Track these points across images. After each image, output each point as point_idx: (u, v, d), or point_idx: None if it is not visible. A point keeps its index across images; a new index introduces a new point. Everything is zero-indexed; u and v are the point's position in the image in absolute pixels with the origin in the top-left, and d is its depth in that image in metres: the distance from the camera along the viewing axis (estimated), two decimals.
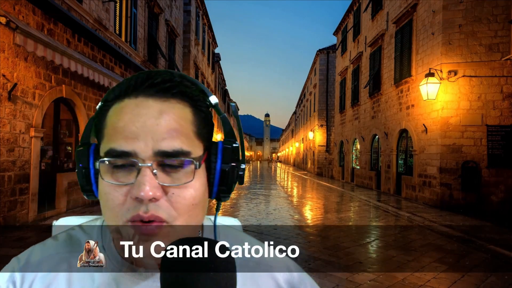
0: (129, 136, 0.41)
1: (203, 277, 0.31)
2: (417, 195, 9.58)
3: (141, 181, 0.39)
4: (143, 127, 0.41)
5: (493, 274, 3.93)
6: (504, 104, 8.12)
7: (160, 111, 0.42)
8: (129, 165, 0.41)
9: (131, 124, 0.41)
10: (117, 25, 9.55)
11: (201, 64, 20.06)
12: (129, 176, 0.41)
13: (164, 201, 0.41)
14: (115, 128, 0.42)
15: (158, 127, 0.41)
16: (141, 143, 0.40)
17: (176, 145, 0.41)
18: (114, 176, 0.41)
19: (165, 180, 0.41)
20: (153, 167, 0.40)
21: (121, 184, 0.40)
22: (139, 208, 0.39)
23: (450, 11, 8.46)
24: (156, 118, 0.41)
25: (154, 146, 0.40)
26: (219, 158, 0.45)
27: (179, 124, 0.42)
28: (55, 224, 0.64)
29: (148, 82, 0.43)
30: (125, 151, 0.40)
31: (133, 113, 0.42)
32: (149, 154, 0.40)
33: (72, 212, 6.88)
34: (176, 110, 0.43)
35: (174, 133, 0.41)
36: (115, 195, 0.41)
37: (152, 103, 0.42)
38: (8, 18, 4.92)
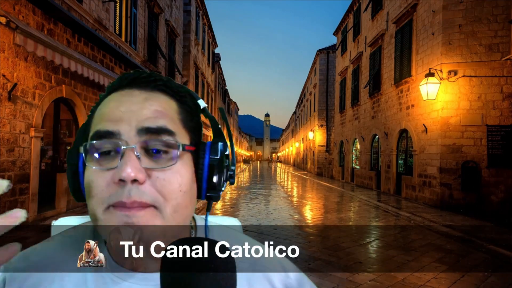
0: (113, 119, 0.41)
1: (203, 277, 0.31)
2: (417, 195, 9.58)
3: (123, 163, 0.39)
4: (128, 111, 0.42)
5: (493, 274, 3.93)
6: (504, 104, 8.12)
7: (145, 98, 0.43)
8: (114, 151, 0.41)
9: (116, 109, 0.42)
10: (117, 25, 9.55)
11: (201, 64, 20.06)
12: (113, 161, 0.40)
13: (148, 185, 0.40)
14: (100, 115, 0.43)
15: (143, 110, 0.42)
16: (125, 124, 0.41)
17: (160, 122, 0.42)
18: (99, 162, 0.41)
19: (149, 163, 0.41)
20: (137, 149, 0.40)
21: (105, 169, 0.40)
22: (122, 194, 0.39)
23: (450, 11, 8.46)
24: (140, 102, 0.42)
25: (137, 125, 0.41)
26: (207, 154, 0.45)
27: (164, 108, 0.43)
28: (54, 224, 0.64)
29: (133, 76, 0.45)
30: (109, 130, 0.41)
31: (118, 100, 0.43)
32: (132, 135, 0.40)
33: (72, 212, 6.88)
34: (161, 98, 0.44)
35: (158, 114, 0.42)
36: (99, 181, 0.40)
37: (138, 92, 0.44)
38: (8, 18, 4.92)
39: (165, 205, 0.41)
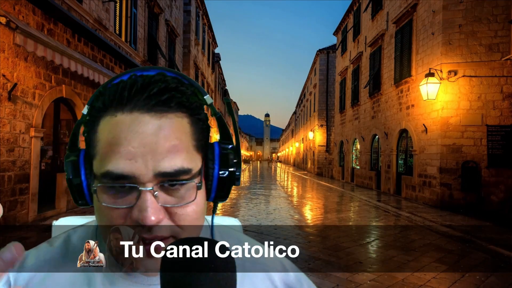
0: (126, 157, 0.38)
1: (203, 277, 0.31)
2: (417, 195, 9.58)
3: (142, 206, 0.38)
4: (141, 146, 0.38)
5: (493, 274, 3.93)
6: (504, 104, 8.12)
7: (158, 127, 0.39)
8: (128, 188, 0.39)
9: (128, 143, 0.38)
10: (117, 25, 9.55)
11: (201, 64, 20.06)
12: (128, 197, 0.39)
13: (167, 220, 0.40)
14: (110, 147, 0.39)
15: (157, 146, 0.39)
16: (140, 164, 0.38)
17: (178, 163, 0.39)
18: (111, 197, 0.40)
19: (167, 200, 0.40)
20: (154, 189, 0.39)
21: (120, 207, 0.39)
22: (141, 231, 0.38)
23: (450, 11, 8.46)
24: (154, 135, 0.39)
25: (154, 167, 0.38)
26: (216, 164, 0.44)
27: (179, 140, 0.40)
28: (55, 224, 0.64)
29: (144, 94, 0.40)
30: (123, 174, 0.38)
31: (129, 131, 0.39)
32: (150, 176, 0.38)
33: (72, 212, 6.88)
34: (174, 124, 0.40)
35: (174, 150, 0.39)
36: (113, 216, 0.39)
37: (149, 119, 0.39)
38: (8, 18, 4.92)
39: (182, 234, 0.41)
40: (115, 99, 0.40)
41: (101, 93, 0.42)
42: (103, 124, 0.41)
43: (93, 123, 0.42)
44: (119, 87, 0.41)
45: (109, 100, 0.41)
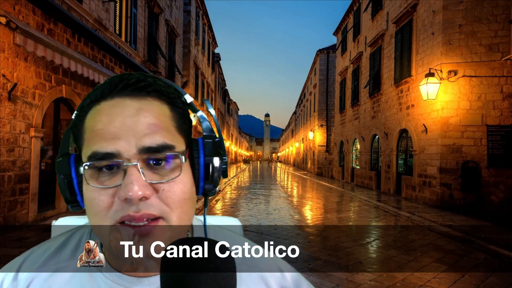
0: (109, 137, 0.40)
1: (203, 277, 0.31)
2: (417, 195, 9.58)
3: (128, 181, 0.38)
4: (122, 126, 0.40)
5: (493, 274, 3.93)
6: (504, 104, 8.12)
7: (137, 108, 0.42)
8: (114, 167, 0.40)
9: (110, 124, 0.40)
10: (117, 25, 9.55)
11: (201, 64, 20.06)
12: (115, 178, 0.40)
13: (155, 198, 0.40)
14: (93, 131, 0.41)
15: (138, 124, 0.40)
16: (123, 142, 0.40)
17: (159, 139, 0.41)
18: (99, 180, 0.40)
19: (153, 177, 0.41)
20: (139, 165, 0.39)
21: (107, 187, 0.40)
22: (129, 209, 0.39)
23: (450, 11, 8.46)
24: (134, 115, 0.41)
25: (137, 144, 0.40)
26: (201, 152, 0.45)
27: (159, 120, 0.42)
28: (55, 224, 0.64)
29: (122, 83, 0.43)
30: (108, 152, 0.40)
31: (110, 114, 0.41)
32: (133, 153, 0.40)
33: (72, 212, 6.87)
34: (153, 107, 0.43)
35: (154, 128, 0.41)
36: (101, 199, 0.40)
37: (129, 102, 0.42)
38: (8, 18, 4.92)
39: (171, 214, 0.41)
40: (99, 93, 0.44)
41: (88, 95, 0.45)
42: (89, 115, 0.43)
43: (81, 120, 0.44)
44: (103, 84, 0.45)
45: (94, 96, 0.44)
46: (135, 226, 0.39)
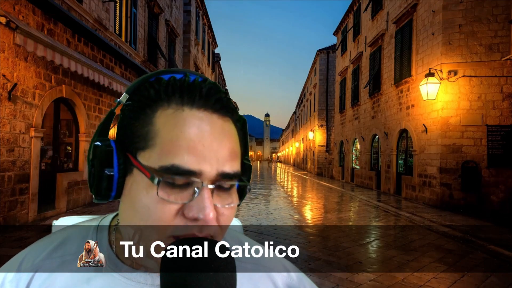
0: (196, 155, 0.38)
1: (203, 277, 0.31)
2: (417, 195, 9.58)
3: (204, 204, 0.38)
4: (210, 147, 0.39)
5: (493, 274, 3.93)
6: (504, 104, 8.12)
7: (222, 129, 0.41)
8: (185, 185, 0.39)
9: (199, 142, 0.38)
10: (117, 25, 9.55)
11: (201, 64, 20.06)
12: (183, 194, 0.39)
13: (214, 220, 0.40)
14: (177, 141, 0.38)
15: (223, 149, 0.40)
16: (207, 164, 0.38)
17: (235, 167, 0.41)
18: (167, 192, 0.38)
19: (217, 201, 0.40)
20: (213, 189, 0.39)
21: (176, 202, 0.38)
22: (192, 228, 0.39)
23: (450, 11, 8.46)
24: (219, 139, 0.40)
25: (217, 168, 0.39)
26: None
27: (236, 146, 0.42)
28: (55, 224, 0.64)
29: (214, 96, 0.41)
30: (191, 170, 0.38)
31: (199, 129, 0.39)
32: (213, 175, 0.39)
33: (72, 212, 6.88)
34: (231, 129, 0.43)
35: (234, 154, 0.41)
36: (164, 211, 0.38)
37: (216, 120, 0.41)
38: (8, 18, 4.93)
39: (220, 235, 0.42)
40: (184, 91, 0.40)
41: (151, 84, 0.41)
42: (164, 116, 0.40)
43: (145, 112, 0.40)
44: (185, 83, 0.41)
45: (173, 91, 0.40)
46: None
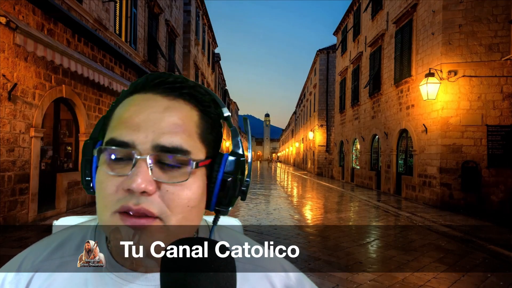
0: (130, 127, 0.41)
1: (203, 277, 0.31)
2: (417, 195, 9.58)
3: (134, 173, 0.39)
4: (146, 119, 0.41)
5: (493, 274, 3.93)
6: (504, 104, 8.12)
7: (166, 106, 0.42)
8: (127, 158, 0.41)
9: (135, 115, 0.41)
10: (117, 25, 9.55)
11: (201, 64, 20.06)
12: (125, 167, 0.40)
13: (157, 196, 0.40)
14: (119, 119, 0.43)
15: (161, 122, 0.41)
16: (141, 134, 0.40)
17: (176, 141, 0.41)
18: (111, 166, 0.41)
19: (160, 176, 0.40)
20: (149, 161, 0.39)
21: (116, 174, 0.40)
22: (130, 200, 0.39)
23: (450, 11, 8.46)
24: (161, 112, 0.42)
25: (153, 139, 0.40)
26: (222, 168, 0.45)
27: (183, 121, 0.42)
28: (55, 224, 0.64)
29: (159, 79, 0.44)
30: (124, 141, 0.40)
31: (139, 105, 0.42)
32: (147, 147, 0.40)
33: (72, 212, 6.88)
34: (182, 109, 0.43)
35: (176, 128, 0.41)
36: (108, 184, 0.40)
37: (160, 99, 0.43)
38: (8, 18, 4.92)
39: (170, 218, 0.41)
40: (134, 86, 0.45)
41: (130, 85, 0.47)
42: (120, 104, 0.45)
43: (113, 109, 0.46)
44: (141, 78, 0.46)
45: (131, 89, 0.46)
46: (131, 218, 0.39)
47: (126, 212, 0.39)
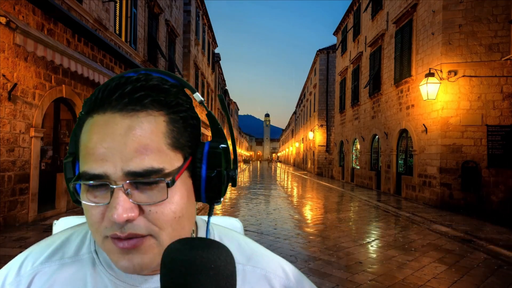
0: (98, 158, 0.39)
1: (203, 277, 0.30)
2: (417, 195, 9.58)
3: (113, 204, 0.38)
4: (111, 148, 0.39)
5: (493, 274, 3.93)
6: (504, 104, 8.12)
7: (127, 127, 0.39)
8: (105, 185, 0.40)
9: (99, 145, 0.39)
10: (117, 25, 9.55)
11: (201, 64, 20.05)
12: (105, 195, 0.40)
13: (142, 218, 0.39)
14: (86, 149, 0.40)
15: (125, 147, 0.39)
16: (109, 164, 0.38)
17: (146, 164, 0.39)
18: (91, 194, 0.40)
19: (140, 198, 0.39)
20: (125, 187, 0.38)
21: (98, 204, 0.40)
22: (116, 229, 0.39)
23: (450, 11, 8.46)
24: (123, 136, 0.39)
25: (123, 167, 0.38)
26: (204, 164, 0.43)
27: (150, 139, 0.39)
28: (56, 223, 0.64)
29: (116, 93, 0.40)
30: (95, 174, 0.39)
31: (101, 133, 0.40)
32: (119, 175, 0.38)
33: (72, 212, 6.88)
34: (145, 124, 0.40)
35: (143, 150, 0.39)
36: (93, 213, 0.40)
37: (120, 120, 0.39)
38: (8, 18, 4.92)
39: (160, 233, 0.40)
40: (93, 101, 0.42)
41: (88, 98, 0.43)
42: (85, 126, 0.42)
43: (80, 126, 0.43)
44: (98, 89, 0.42)
45: (90, 103, 0.42)
46: (122, 241, 0.39)
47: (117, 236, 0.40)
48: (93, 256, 0.47)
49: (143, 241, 0.40)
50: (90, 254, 0.47)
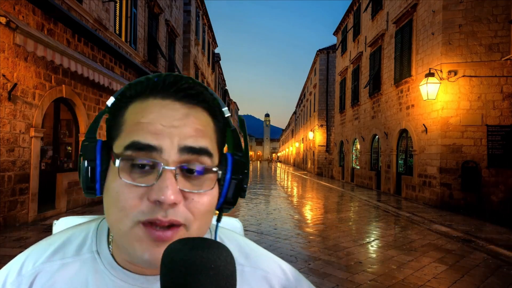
0: (153, 132, 0.40)
1: (203, 277, 0.30)
2: (417, 195, 9.58)
3: (163, 185, 0.38)
4: (170, 126, 0.40)
5: (493, 274, 3.93)
6: (504, 104, 8.12)
7: (186, 113, 0.42)
8: (149, 167, 0.39)
9: (157, 121, 0.40)
10: (117, 25, 9.55)
11: (201, 64, 20.06)
12: (148, 177, 0.39)
13: (182, 205, 0.40)
14: (138, 124, 0.41)
15: (185, 127, 0.41)
16: (167, 139, 0.40)
17: (202, 142, 0.41)
18: (131, 175, 0.39)
19: (186, 185, 0.40)
20: (176, 171, 0.39)
21: (139, 185, 0.39)
22: (157, 212, 0.38)
23: (450, 11, 8.46)
24: (182, 119, 0.41)
25: (180, 143, 0.40)
26: (229, 170, 0.45)
27: (204, 127, 0.43)
28: (56, 223, 0.64)
29: (175, 86, 0.43)
30: (150, 144, 0.39)
31: (160, 113, 0.41)
32: (174, 152, 0.39)
33: (72, 212, 6.88)
34: (201, 115, 0.43)
35: (200, 133, 0.42)
36: (130, 196, 0.39)
37: (179, 107, 0.42)
38: (8, 18, 4.93)
39: (193, 223, 0.41)
40: (148, 87, 0.43)
41: (132, 86, 0.44)
42: (132, 108, 0.43)
43: (120, 110, 0.44)
44: (151, 79, 0.44)
45: (141, 88, 0.43)
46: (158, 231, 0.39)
47: (151, 223, 0.39)
48: (94, 256, 0.47)
49: (177, 231, 0.40)
50: (92, 254, 0.47)
